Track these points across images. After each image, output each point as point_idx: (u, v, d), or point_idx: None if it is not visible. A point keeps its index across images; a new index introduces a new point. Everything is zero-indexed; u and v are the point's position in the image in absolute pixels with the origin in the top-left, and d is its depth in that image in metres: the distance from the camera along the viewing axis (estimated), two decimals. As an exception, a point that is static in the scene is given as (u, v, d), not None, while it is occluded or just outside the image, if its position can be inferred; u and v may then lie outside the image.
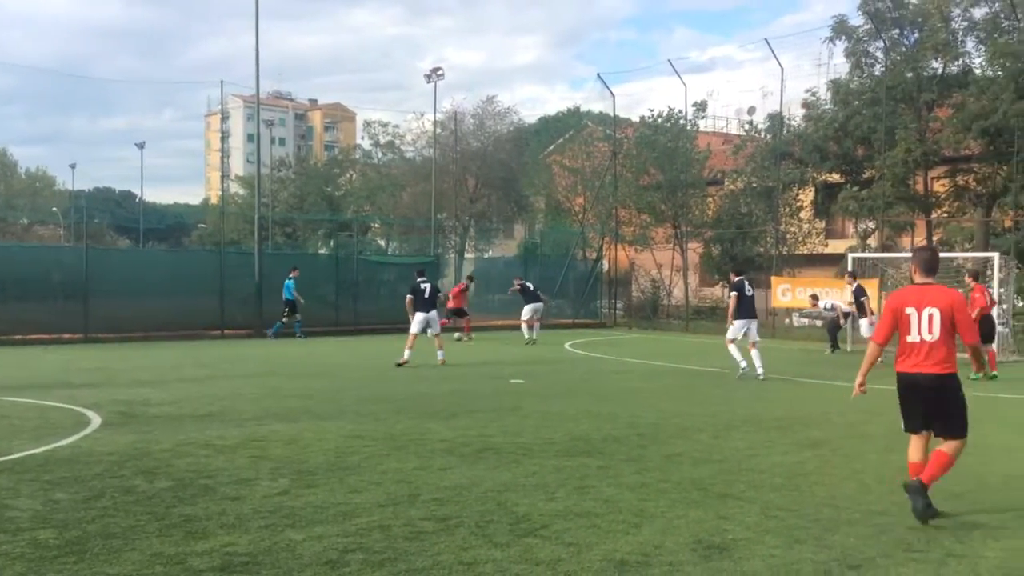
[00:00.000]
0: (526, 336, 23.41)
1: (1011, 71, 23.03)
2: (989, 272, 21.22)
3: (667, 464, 8.05)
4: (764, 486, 7.24)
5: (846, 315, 21.96)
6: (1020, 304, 25.33)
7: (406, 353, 16.81)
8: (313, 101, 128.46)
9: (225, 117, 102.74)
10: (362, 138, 56.91)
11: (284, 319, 24.89)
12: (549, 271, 32.05)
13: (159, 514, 6.15)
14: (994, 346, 17.63)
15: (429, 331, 17.45)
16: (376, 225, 49.89)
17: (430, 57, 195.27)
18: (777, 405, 12.29)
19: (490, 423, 10.19)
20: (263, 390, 13.21)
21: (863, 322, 19.67)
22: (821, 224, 35.32)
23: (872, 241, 29.73)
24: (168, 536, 5.64)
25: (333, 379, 14.91)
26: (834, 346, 21.90)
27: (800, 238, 32.57)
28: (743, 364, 15.41)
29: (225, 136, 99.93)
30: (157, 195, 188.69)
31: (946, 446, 6.45)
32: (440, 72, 34.93)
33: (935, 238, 27.93)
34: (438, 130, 39.73)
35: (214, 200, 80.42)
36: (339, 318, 26.61)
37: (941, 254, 25.27)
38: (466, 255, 42.11)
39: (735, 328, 15.52)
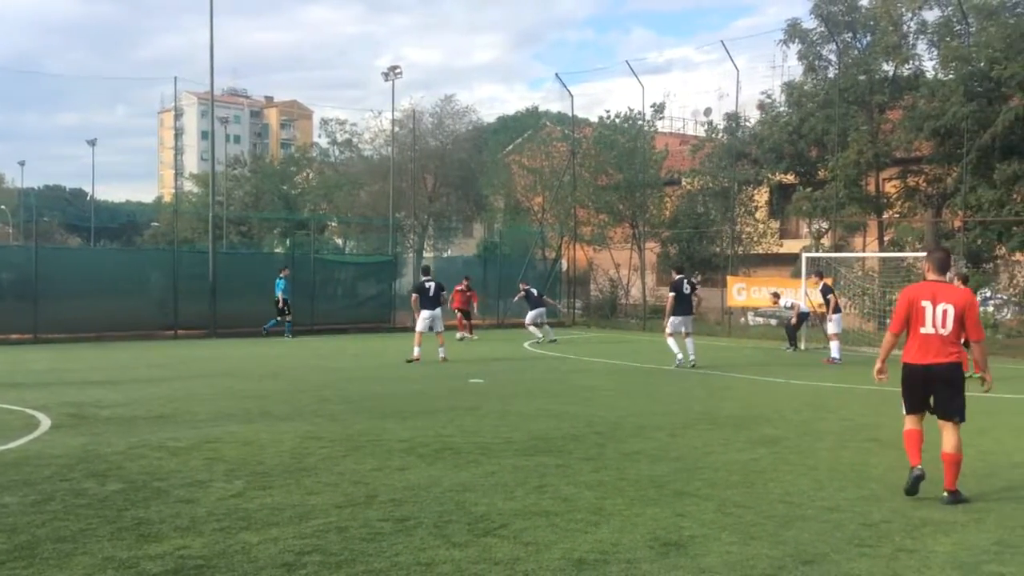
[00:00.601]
0: (539, 336, 23.83)
1: (961, 74, 23.49)
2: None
3: (625, 462, 8.10)
4: (720, 483, 7.31)
5: (802, 315, 22.14)
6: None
7: (415, 351, 17.59)
8: (269, 98, 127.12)
9: (179, 114, 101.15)
10: (319, 136, 56.40)
11: (288, 317, 25.20)
12: (508, 271, 32.03)
13: (111, 517, 6.04)
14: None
15: (433, 329, 18.08)
16: (333, 224, 49.51)
17: (388, 55, 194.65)
18: (733, 403, 12.43)
19: (448, 423, 10.17)
20: (218, 391, 13.04)
21: (835, 317, 19.70)
22: (776, 224, 35.78)
23: (825, 241, 30.16)
24: (120, 539, 5.54)
25: (289, 380, 14.76)
26: (793, 345, 22.07)
27: (755, 238, 32.98)
28: (679, 355, 16.95)
29: (179, 133, 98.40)
30: (109, 193, 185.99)
31: (947, 443, 6.94)
32: (398, 70, 34.79)
33: (886, 238, 28.42)
34: (396, 129, 39.56)
35: (167, 198, 79.27)
36: (295, 318, 26.35)
37: (891, 254, 25.57)
38: (425, 254, 41.97)
39: (674, 324, 17.06)
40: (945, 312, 6.90)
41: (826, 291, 20.22)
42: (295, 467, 7.72)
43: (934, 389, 7.04)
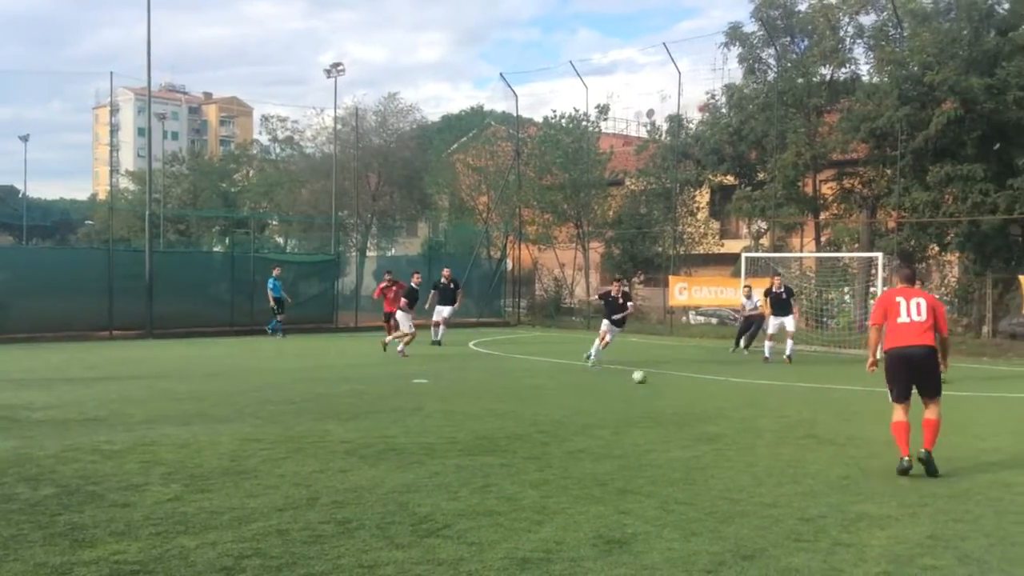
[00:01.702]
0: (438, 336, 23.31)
1: (896, 78, 24.08)
2: (874, 272, 22.20)
3: (569, 461, 8.13)
4: (662, 480, 7.38)
5: (750, 317, 21.17)
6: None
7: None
8: (208, 94, 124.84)
9: (115, 110, 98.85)
10: (260, 133, 55.67)
11: (279, 316, 25.23)
12: (453, 270, 31.90)
13: (43, 523, 5.87)
14: None
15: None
16: (274, 222, 48.83)
17: (332, 52, 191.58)
18: (675, 401, 12.57)
19: (392, 423, 10.10)
20: (154, 393, 12.77)
21: (789, 319, 19.70)
22: (716, 225, 36.33)
23: (764, 241, 30.71)
24: (53, 545, 5.38)
25: (228, 381, 14.51)
26: (740, 344, 21.09)
27: (697, 238, 33.46)
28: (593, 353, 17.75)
29: (114, 130, 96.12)
30: (42, 190, 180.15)
31: (929, 412, 7.85)
32: (341, 67, 34.42)
33: (823, 238, 29.03)
34: (339, 126, 39.19)
35: (102, 196, 77.37)
36: (235, 318, 25.97)
37: (827, 254, 26.05)
38: (368, 253, 41.65)
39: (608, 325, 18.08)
40: (919, 304, 7.94)
41: (788, 292, 20.20)
42: (234, 470, 7.58)
43: (916, 377, 7.88)
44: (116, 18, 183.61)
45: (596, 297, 18.43)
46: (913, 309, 7.92)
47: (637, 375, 14.57)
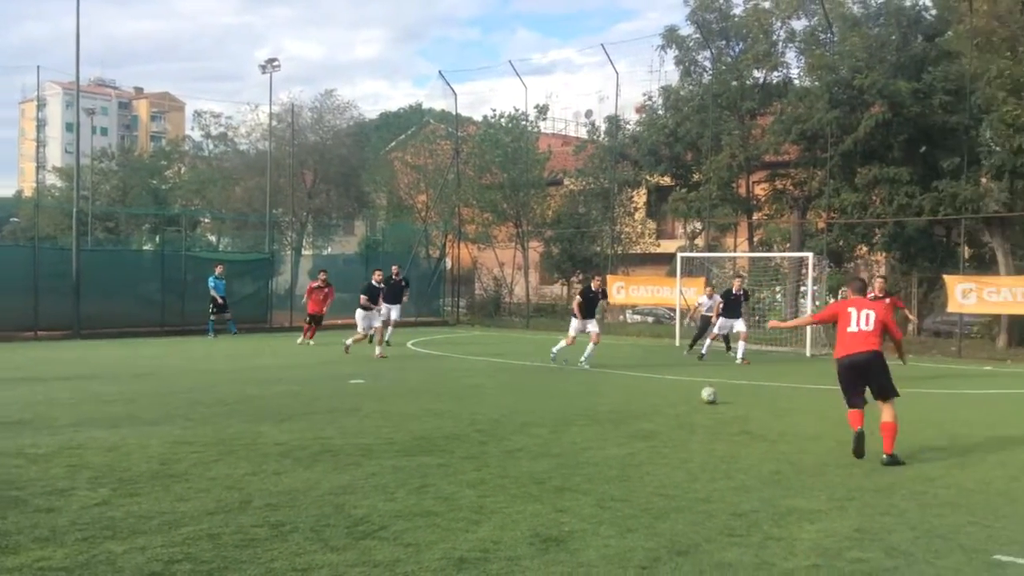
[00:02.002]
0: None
1: (826, 82, 24.65)
2: (804, 271, 22.68)
3: (506, 460, 8.13)
4: (599, 478, 7.43)
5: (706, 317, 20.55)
6: (832, 301, 27.21)
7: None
8: (139, 89, 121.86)
9: (42, 104, 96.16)
10: (192, 129, 54.57)
11: (227, 315, 25.01)
12: (391, 269, 31.69)
13: (-40, 531, 5.66)
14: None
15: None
16: (206, 220, 47.91)
17: (268, 47, 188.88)
18: (611, 399, 12.67)
19: (327, 424, 9.98)
20: (81, 395, 12.41)
21: (740, 321, 19.81)
22: (653, 224, 36.76)
23: (699, 241, 31.17)
24: (-30, 555, 5.19)
25: (158, 382, 14.18)
26: (694, 345, 20.41)
27: (634, 238, 33.81)
28: (556, 350, 17.61)
29: (41, 125, 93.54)
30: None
31: (886, 415, 8.25)
32: (276, 63, 33.91)
33: (756, 238, 29.57)
34: (274, 123, 38.63)
35: (28, 192, 75.08)
36: (165, 318, 25.40)
37: (760, 254, 26.59)
38: (304, 252, 41.14)
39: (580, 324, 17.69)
40: (868, 316, 8.47)
41: (745, 296, 20.26)
42: (164, 473, 7.41)
43: (867, 379, 8.37)
44: (42, 10, 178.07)
45: (578, 300, 17.61)
46: (863, 320, 8.43)
47: (706, 393, 12.28)
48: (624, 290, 27.51)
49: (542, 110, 34.50)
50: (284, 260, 37.24)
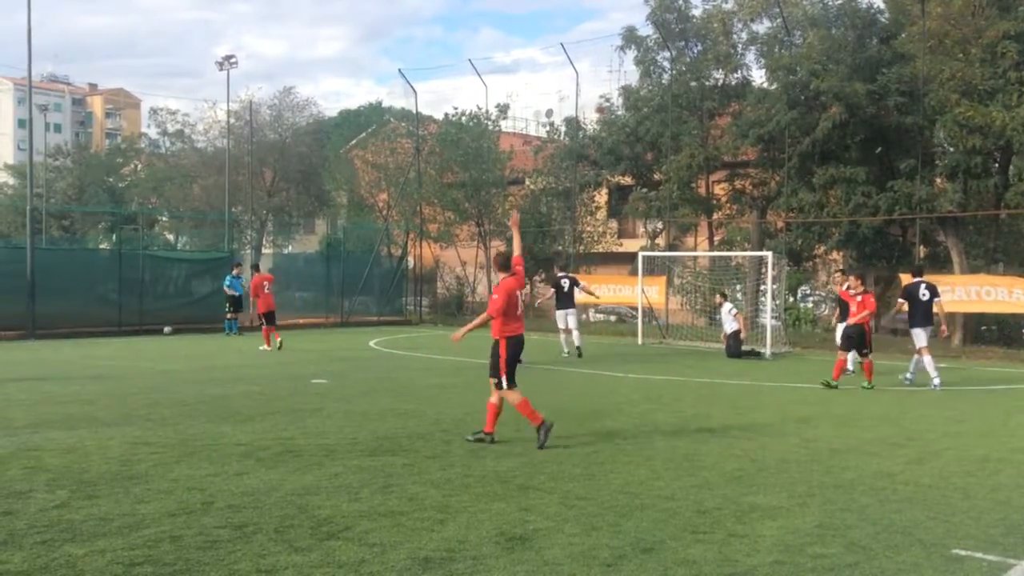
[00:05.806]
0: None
1: (785, 84, 24.94)
2: (764, 270, 22.93)
3: (471, 459, 8.13)
4: (563, 476, 7.46)
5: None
6: (791, 300, 27.57)
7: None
8: (93, 85, 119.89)
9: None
10: (148, 126, 53.83)
11: (230, 315, 25.22)
12: (353, 268, 31.56)
13: (-87, 537, 5.53)
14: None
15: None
16: (164, 219, 47.29)
17: (228, 44, 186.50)
18: (576, 398, 12.71)
19: (290, 425, 9.90)
20: (37, 396, 12.18)
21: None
22: (614, 224, 36.94)
23: (660, 241, 31.38)
24: (-76, 560, 5.08)
25: (117, 383, 13.95)
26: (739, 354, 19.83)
27: (595, 237, 33.95)
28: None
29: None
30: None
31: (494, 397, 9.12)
32: (233, 60, 33.58)
33: (716, 238, 29.85)
34: (232, 120, 38.23)
35: (-21, 189, 73.49)
36: (122, 318, 24.97)
37: (720, 253, 26.70)
38: (264, 251, 40.76)
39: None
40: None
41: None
42: (124, 475, 7.30)
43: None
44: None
45: (551, 292, 18.99)
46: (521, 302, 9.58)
47: None
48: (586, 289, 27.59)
49: (503, 109, 34.51)
50: (244, 259, 36.85)
